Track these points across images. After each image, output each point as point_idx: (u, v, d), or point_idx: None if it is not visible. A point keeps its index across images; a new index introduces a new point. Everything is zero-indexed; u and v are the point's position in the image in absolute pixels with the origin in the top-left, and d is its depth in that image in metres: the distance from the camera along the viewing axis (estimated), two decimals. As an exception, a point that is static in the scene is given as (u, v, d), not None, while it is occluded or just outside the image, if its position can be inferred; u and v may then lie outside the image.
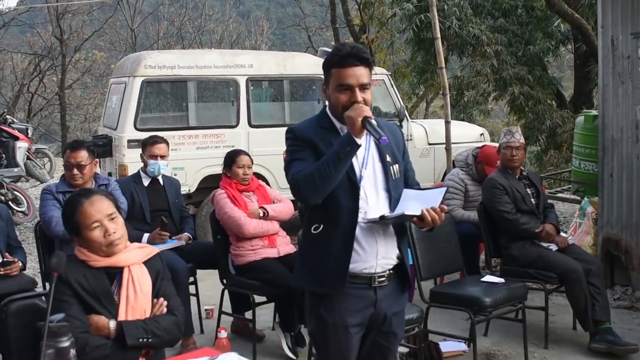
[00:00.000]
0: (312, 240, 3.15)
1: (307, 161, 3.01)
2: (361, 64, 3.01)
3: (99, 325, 2.97)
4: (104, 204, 3.10)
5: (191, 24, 31.46)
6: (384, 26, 17.94)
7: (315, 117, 3.20)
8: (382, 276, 3.14)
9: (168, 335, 3.10)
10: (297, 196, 3.03)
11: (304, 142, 3.06)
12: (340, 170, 2.92)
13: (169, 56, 8.98)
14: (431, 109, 27.87)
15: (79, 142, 5.48)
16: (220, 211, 5.52)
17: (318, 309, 3.15)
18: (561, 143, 14.22)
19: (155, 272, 3.20)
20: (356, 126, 2.89)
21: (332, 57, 3.06)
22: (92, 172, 5.29)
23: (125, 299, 3.06)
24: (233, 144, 8.29)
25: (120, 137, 8.28)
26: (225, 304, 5.78)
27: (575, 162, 8.73)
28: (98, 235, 3.04)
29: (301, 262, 3.27)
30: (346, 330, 3.11)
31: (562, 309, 6.22)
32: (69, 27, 27.54)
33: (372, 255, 3.10)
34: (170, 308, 3.18)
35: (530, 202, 5.69)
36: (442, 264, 5.41)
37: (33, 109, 27.55)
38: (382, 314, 3.18)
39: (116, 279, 3.09)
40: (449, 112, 8.40)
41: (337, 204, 3.03)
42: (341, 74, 3.00)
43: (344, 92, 3.01)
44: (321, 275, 3.10)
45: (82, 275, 2.99)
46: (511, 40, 15.04)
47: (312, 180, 2.91)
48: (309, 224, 3.16)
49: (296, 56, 9.77)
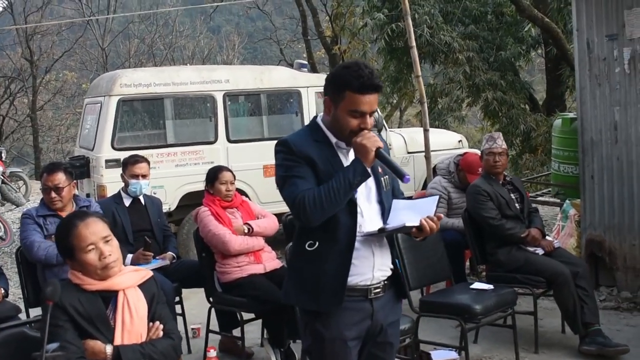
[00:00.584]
0: (306, 257, 3.08)
1: (307, 179, 2.96)
2: (376, 91, 2.99)
3: (95, 350, 2.90)
4: (99, 227, 3.05)
5: (162, 41, 31.42)
6: (356, 37, 17.96)
7: (307, 130, 3.13)
8: (377, 287, 3.10)
9: (165, 359, 3.04)
10: (300, 217, 2.95)
11: (300, 157, 2.98)
12: (349, 197, 2.93)
13: (144, 74, 8.91)
14: (405, 117, 28.00)
15: (55, 164, 5.39)
16: (205, 229, 5.46)
17: (314, 324, 3.09)
18: (536, 146, 14.31)
19: (151, 295, 3.14)
20: (369, 156, 2.91)
21: (350, 79, 2.94)
22: (70, 194, 5.19)
23: (121, 322, 2.99)
24: (212, 160, 8.24)
25: (98, 157, 8.19)
26: (212, 322, 5.72)
27: (555, 165, 8.78)
28: (93, 258, 2.98)
29: (293, 278, 3.18)
30: (344, 344, 3.06)
31: (551, 313, 6.22)
32: (39, 48, 27.38)
33: (369, 268, 3.07)
34: (167, 332, 3.12)
35: (515, 207, 5.70)
36: (430, 272, 5.38)
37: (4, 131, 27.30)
38: (379, 325, 3.14)
39: (111, 303, 3.03)
40: (427, 120, 8.40)
41: (336, 222, 2.99)
42: (358, 100, 2.95)
43: (356, 117, 2.97)
44: (317, 292, 3.04)
45: (77, 300, 2.92)
46: (482, 47, 15.14)
47: (320, 204, 2.88)
48: (302, 240, 3.09)
49: (273, 70, 9.76)
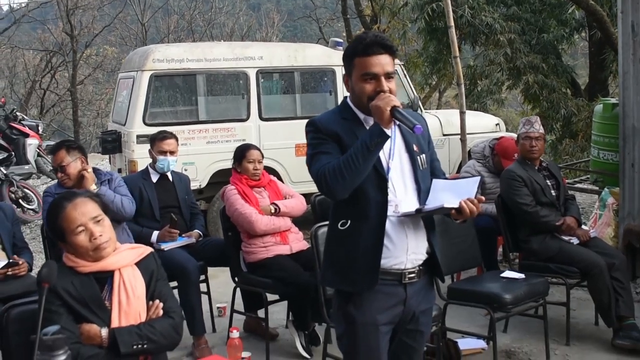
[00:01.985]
0: (339, 237, 3.02)
1: (332, 154, 2.89)
2: (386, 52, 2.91)
3: (91, 334, 2.84)
4: (88, 207, 2.96)
5: (201, 18, 31.41)
6: (396, 16, 17.80)
7: (337, 109, 3.08)
8: (412, 272, 3.02)
9: (165, 340, 2.96)
10: (324, 190, 2.89)
11: (327, 134, 2.93)
12: (369, 163, 2.82)
13: (177, 49, 8.85)
14: (444, 99, 27.73)
15: (59, 143, 5.25)
16: (231, 208, 5.39)
17: (346, 308, 3.02)
18: (576, 132, 14.04)
19: (149, 273, 3.05)
20: (385, 116, 2.79)
21: (356, 45, 2.94)
22: (77, 169, 5.05)
23: (118, 304, 2.92)
24: (244, 138, 8.17)
25: (129, 132, 8.17)
26: (237, 302, 5.67)
27: (594, 152, 8.55)
28: (83, 240, 2.90)
29: (328, 260, 3.13)
30: (376, 329, 2.99)
31: (584, 304, 6.06)
32: (80, 22, 27.54)
33: (402, 251, 2.98)
34: (167, 310, 3.03)
35: (550, 194, 5.52)
36: (459, 259, 5.24)
37: (45, 105, 27.61)
38: (411, 312, 3.06)
39: (107, 284, 2.96)
40: (464, 102, 8.22)
41: (365, 198, 2.91)
42: (366, 62, 2.89)
43: (369, 81, 2.90)
44: (351, 273, 2.97)
45: (70, 283, 2.86)
46: (524, 29, 14.84)
47: (340, 174, 2.79)
48: (335, 220, 3.03)
49: (307, 47, 9.61)
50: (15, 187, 10.10)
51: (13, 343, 2.96)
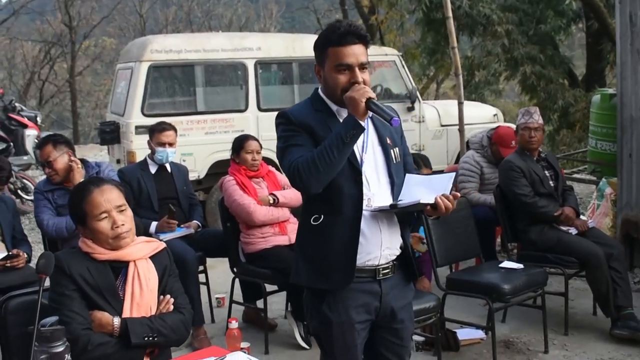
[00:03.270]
0: (312, 233, 2.93)
1: (305, 147, 2.81)
2: (360, 41, 2.84)
3: (103, 322, 2.82)
4: (114, 194, 2.94)
5: (200, 9, 31.39)
6: (394, 7, 17.71)
7: (309, 100, 2.99)
8: (386, 268, 2.96)
9: (174, 335, 2.95)
10: (297, 184, 2.80)
11: (300, 126, 2.85)
12: (344, 155, 2.75)
13: (175, 40, 8.83)
14: (442, 90, 27.71)
15: (45, 138, 5.22)
16: (229, 198, 5.39)
17: (320, 307, 2.95)
18: (574, 122, 14.04)
19: (162, 268, 3.04)
20: (359, 108, 2.72)
21: (329, 35, 2.86)
22: (65, 164, 5.02)
23: (130, 294, 2.90)
24: (242, 129, 8.15)
25: (128, 123, 8.15)
26: (236, 293, 5.67)
27: (592, 142, 8.57)
28: (105, 227, 2.88)
29: (300, 256, 3.02)
30: (352, 327, 2.93)
31: (582, 294, 6.08)
32: (78, 13, 27.56)
33: (376, 246, 2.91)
34: (177, 306, 3.02)
35: (549, 185, 5.52)
36: (458, 249, 5.26)
37: (44, 96, 27.63)
38: (389, 307, 2.99)
39: (121, 274, 2.94)
40: (462, 93, 8.21)
41: (339, 192, 2.84)
42: (340, 53, 2.82)
43: (342, 72, 2.83)
44: (325, 269, 2.90)
45: (86, 269, 2.84)
46: (522, 19, 14.79)
47: (314, 166, 2.71)
48: (307, 214, 2.94)
49: (305, 38, 9.60)
50: (14, 178, 10.08)
51: (11, 334, 2.95)
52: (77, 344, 2.69)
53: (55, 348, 2.33)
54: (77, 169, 5.04)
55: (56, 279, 2.79)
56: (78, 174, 5.00)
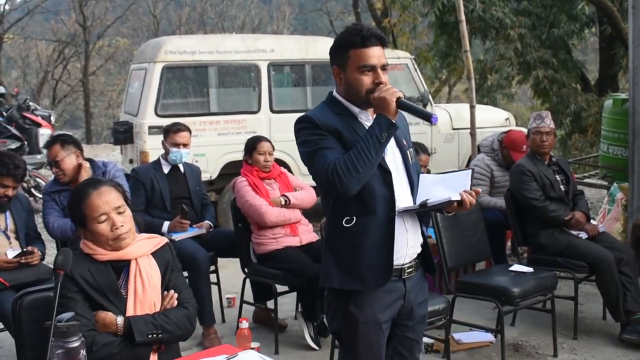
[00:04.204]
0: (344, 234, 2.93)
1: (335, 150, 2.83)
2: (380, 43, 2.89)
3: (106, 322, 2.86)
4: (112, 196, 2.96)
5: (213, 10, 31.48)
6: (406, 10, 17.72)
7: (326, 105, 3.01)
8: (410, 267, 3.01)
9: (179, 330, 2.97)
10: (337, 186, 2.79)
11: (327, 130, 2.87)
12: (380, 155, 2.80)
13: (189, 41, 8.88)
14: (454, 93, 27.68)
15: (53, 138, 5.24)
16: (241, 199, 5.43)
17: (347, 307, 2.97)
18: (586, 127, 13.97)
19: (165, 264, 3.06)
20: (391, 107, 2.78)
21: (352, 37, 2.89)
22: (73, 164, 5.05)
23: (133, 293, 2.93)
24: (255, 130, 8.20)
25: (141, 123, 8.21)
26: (247, 293, 5.71)
27: (604, 147, 8.54)
28: (105, 229, 2.91)
29: (331, 258, 3.00)
30: (378, 327, 2.97)
31: (592, 298, 6.08)
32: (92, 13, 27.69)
33: (403, 246, 2.95)
34: (181, 301, 3.04)
35: (560, 189, 5.53)
36: (468, 252, 5.27)
37: (57, 95, 27.76)
38: (410, 305, 3.05)
39: (123, 273, 2.97)
40: (474, 96, 8.22)
41: (371, 193, 2.87)
42: (363, 54, 2.86)
43: (366, 73, 2.87)
44: (359, 270, 2.91)
45: (87, 270, 2.87)
46: (535, 23, 14.75)
47: (353, 168, 2.75)
48: (338, 217, 2.95)
49: (318, 40, 9.63)
50: (27, 177, 10.15)
51: (26, 330, 2.99)
52: None
53: (71, 343, 2.36)
54: (86, 169, 5.08)
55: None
56: (86, 175, 5.01)
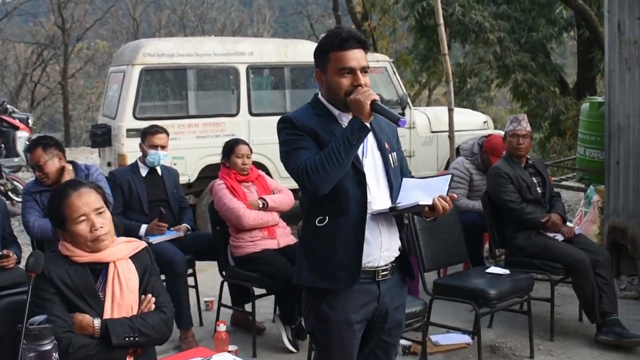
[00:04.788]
0: (317, 234, 2.98)
1: (311, 150, 2.87)
2: (360, 46, 2.93)
3: (83, 324, 2.84)
4: (91, 197, 2.96)
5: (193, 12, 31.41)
6: (386, 13, 17.81)
7: (309, 106, 3.06)
8: (385, 269, 3.02)
9: (156, 334, 2.96)
10: (307, 185, 2.84)
11: (304, 130, 2.92)
12: (351, 157, 2.82)
13: (168, 44, 8.86)
14: (434, 96, 27.82)
15: (35, 140, 5.22)
16: (219, 202, 5.42)
17: (319, 306, 3.01)
18: (564, 130, 14.12)
19: (143, 268, 3.06)
20: (365, 110, 2.80)
21: (331, 40, 2.94)
22: (55, 167, 5.04)
23: (111, 295, 2.92)
24: (233, 133, 8.19)
25: (119, 126, 8.18)
26: (224, 296, 5.70)
27: (580, 150, 8.64)
28: (84, 230, 2.90)
29: (305, 257, 3.06)
30: (350, 327, 2.99)
31: (568, 300, 6.12)
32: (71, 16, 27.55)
33: (377, 248, 2.98)
34: (159, 305, 3.04)
35: (536, 192, 5.57)
36: (445, 254, 5.29)
37: (36, 98, 27.60)
38: (385, 308, 3.06)
39: (101, 275, 2.96)
40: (452, 100, 8.25)
41: (345, 194, 2.91)
42: (343, 57, 2.90)
43: (345, 75, 2.91)
44: (331, 270, 2.95)
45: (65, 272, 2.86)
46: (514, 27, 14.88)
47: (322, 168, 2.78)
48: (311, 217, 2.99)
49: (297, 43, 9.65)
50: (4, 180, 10.09)
51: (0, 333, 2.96)
52: (59, 347, 2.69)
53: (43, 346, 2.34)
54: (68, 171, 5.07)
55: (36, 283, 2.78)
56: (68, 177, 5.01)
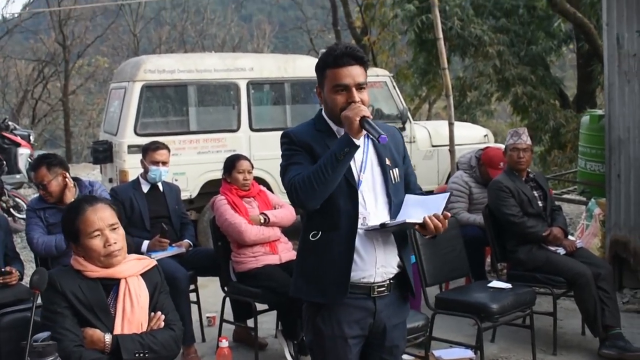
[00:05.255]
0: (310, 248, 3.02)
1: (303, 165, 2.90)
2: (356, 62, 2.92)
3: (94, 339, 2.86)
4: (106, 213, 3.00)
5: (193, 29, 31.50)
6: (386, 28, 17.90)
7: (312, 121, 3.09)
8: (381, 286, 3.01)
9: (165, 351, 2.99)
10: (294, 201, 2.90)
11: (300, 146, 2.95)
12: (339, 173, 2.82)
13: (168, 60, 8.89)
14: (434, 110, 27.83)
15: (38, 159, 5.26)
16: (221, 218, 5.42)
17: (315, 320, 3.03)
18: (565, 143, 14.13)
19: (153, 285, 3.09)
20: (354, 126, 2.79)
21: (326, 57, 2.96)
22: (59, 186, 5.08)
23: (122, 311, 2.95)
24: (234, 149, 8.21)
25: (121, 142, 8.20)
26: (227, 312, 5.69)
27: (581, 163, 8.64)
28: (98, 245, 2.93)
29: (299, 270, 3.12)
30: (344, 342, 2.99)
31: (571, 314, 6.10)
32: (72, 33, 27.63)
33: (371, 264, 2.97)
34: (168, 322, 3.07)
35: (537, 205, 5.57)
36: (447, 269, 5.29)
37: (37, 115, 27.63)
38: (382, 325, 3.05)
39: (112, 291, 2.98)
40: (452, 113, 8.28)
41: (336, 209, 2.92)
42: (337, 74, 2.91)
43: (340, 92, 2.92)
44: (321, 284, 2.97)
45: (77, 286, 2.88)
46: (513, 40, 14.93)
47: (309, 184, 2.80)
48: (307, 231, 3.03)
49: (297, 59, 9.68)
50: (6, 197, 10.10)
51: (4, 350, 2.99)
52: None
53: (47, 363, 2.36)
54: (70, 188, 5.09)
55: (48, 297, 2.83)
56: (70, 194, 5.06)
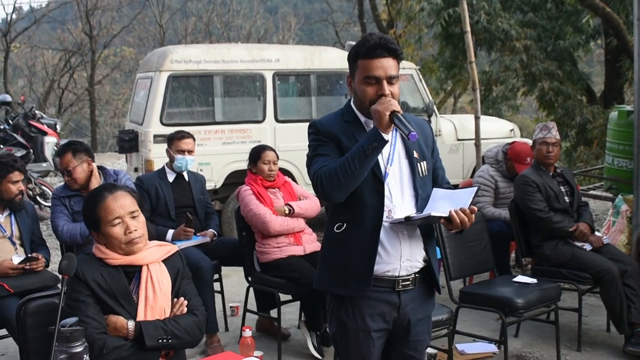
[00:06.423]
0: (335, 240, 3.00)
1: (330, 157, 2.88)
2: (389, 55, 2.87)
3: (117, 326, 2.88)
4: (127, 200, 3.01)
5: (219, 20, 31.53)
6: (412, 21, 17.81)
7: (340, 111, 3.06)
8: (406, 280, 2.98)
9: (188, 336, 3.00)
10: (320, 193, 2.87)
11: (327, 136, 2.93)
12: (366, 167, 2.78)
13: (195, 51, 8.91)
14: (459, 104, 27.69)
15: (64, 145, 5.27)
16: (245, 208, 5.43)
17: (338, 312, 3.02)
18: (591, 139, 13.98)
19: (175, 271, 3.10)
20: (383, 120, 2.75)
21: (359, 47, 2.91)
22: (85, 172, 5.11)
23: (144, 298, 2.96)
24: (259, 139, 8.23)
25: (146, 132, 8.24)
26: (250, 302, 5.71)
27: (609, 159, 8.55)
28: (119, 232, 2.95)
29: (323, 262, 3.10)
30: (367, 335, 2.98)
31: (596, 310, 6.06)
32: (99, 23, 27.76)
33: (396, 257, 2.95)
34: (191, 308, 3.08)
35: (564, 200, 5.53)
36: (472, 263, 5.27)
37: (63, 104, 27.82)
38: (406, 319, 3.03)
39: (134, 278, 3.00)
40: (479, 107, 8.22)
41: (362, 202, 2.89)
42: (368, 65, 2.86)
43: (371, 84, 2.87)
44: (345, 276, 2.96)
45: (100, 274, 2.90)
46: (540, 35, 14.78)
47: (335, 177, 2.77)
48: (332, 223, 3.01)
49: (323, 50, 9.67)
50: (32, 185, 10.19)
51: (30, 336, 3.02)
52: (93, 348, 2.74)
53: (74, 348, 2.38)
54: (96, 176, 5.13)
55: (71, 285, 2.85)
56: (96, 182, 5.08)
